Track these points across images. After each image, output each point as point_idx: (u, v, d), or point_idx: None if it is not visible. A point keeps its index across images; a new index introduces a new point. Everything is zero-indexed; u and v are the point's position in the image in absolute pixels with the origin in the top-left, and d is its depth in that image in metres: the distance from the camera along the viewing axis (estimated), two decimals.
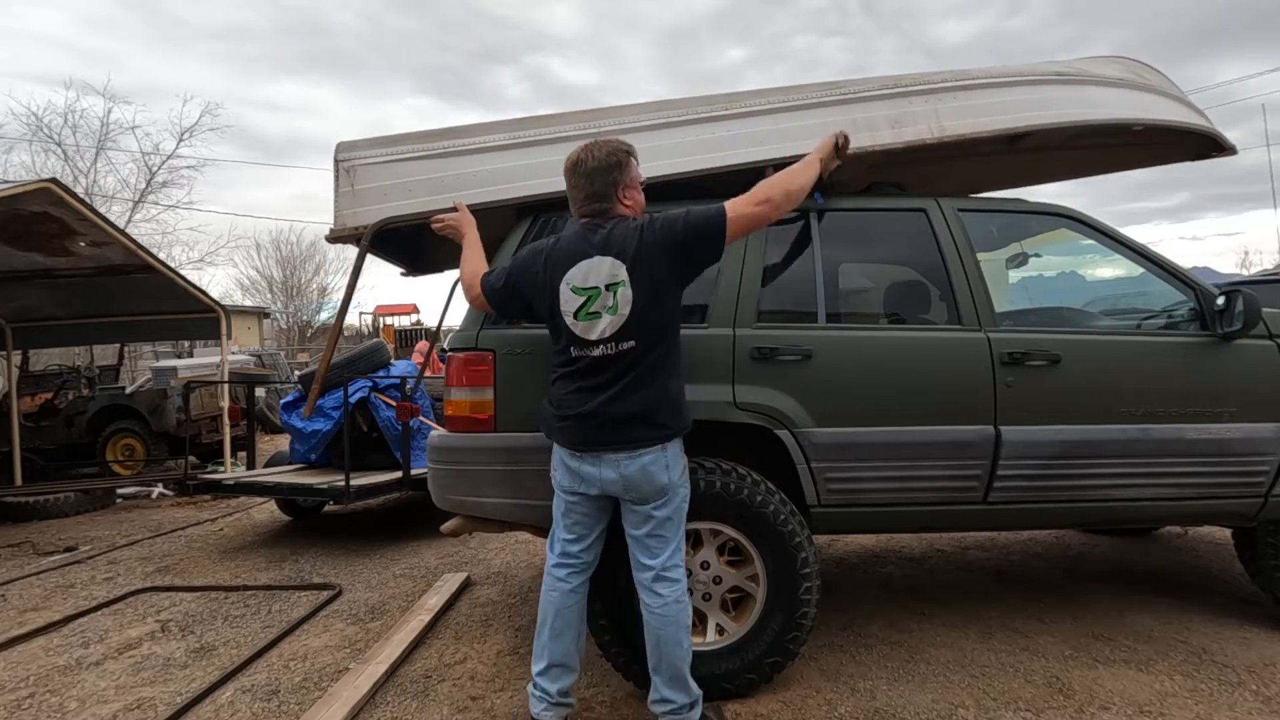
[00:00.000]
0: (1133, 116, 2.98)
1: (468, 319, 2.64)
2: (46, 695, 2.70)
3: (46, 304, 7.09)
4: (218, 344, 7.78)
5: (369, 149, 2.64)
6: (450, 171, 2.64)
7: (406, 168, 2.64)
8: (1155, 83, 3.18)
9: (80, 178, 19.08)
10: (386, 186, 2.62)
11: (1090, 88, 3.00)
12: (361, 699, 2.49)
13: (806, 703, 2.43)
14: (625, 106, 2.75)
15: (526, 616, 3.32)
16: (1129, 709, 2.35)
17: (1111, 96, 3.01)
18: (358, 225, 2.61)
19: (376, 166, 2.63)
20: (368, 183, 2.62)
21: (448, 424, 2.63)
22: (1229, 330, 2.67)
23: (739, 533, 2.46)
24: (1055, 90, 2.95)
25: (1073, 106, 2.92)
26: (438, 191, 2.62)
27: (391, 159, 2.64)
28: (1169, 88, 3.22)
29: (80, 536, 5.36)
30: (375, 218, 2.61)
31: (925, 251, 2.79)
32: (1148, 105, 3.05)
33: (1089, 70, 3.07)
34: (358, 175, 2.62)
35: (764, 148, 2.70)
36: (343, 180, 2.62)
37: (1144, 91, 3.09)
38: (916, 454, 2.59)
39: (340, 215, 2.62)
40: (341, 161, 2.63)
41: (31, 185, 5.17)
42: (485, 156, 2.66)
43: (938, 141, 2.77)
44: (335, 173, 2.62)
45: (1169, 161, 3.60)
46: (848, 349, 2.64)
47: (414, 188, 2.62)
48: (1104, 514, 2.77)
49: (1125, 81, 3.08)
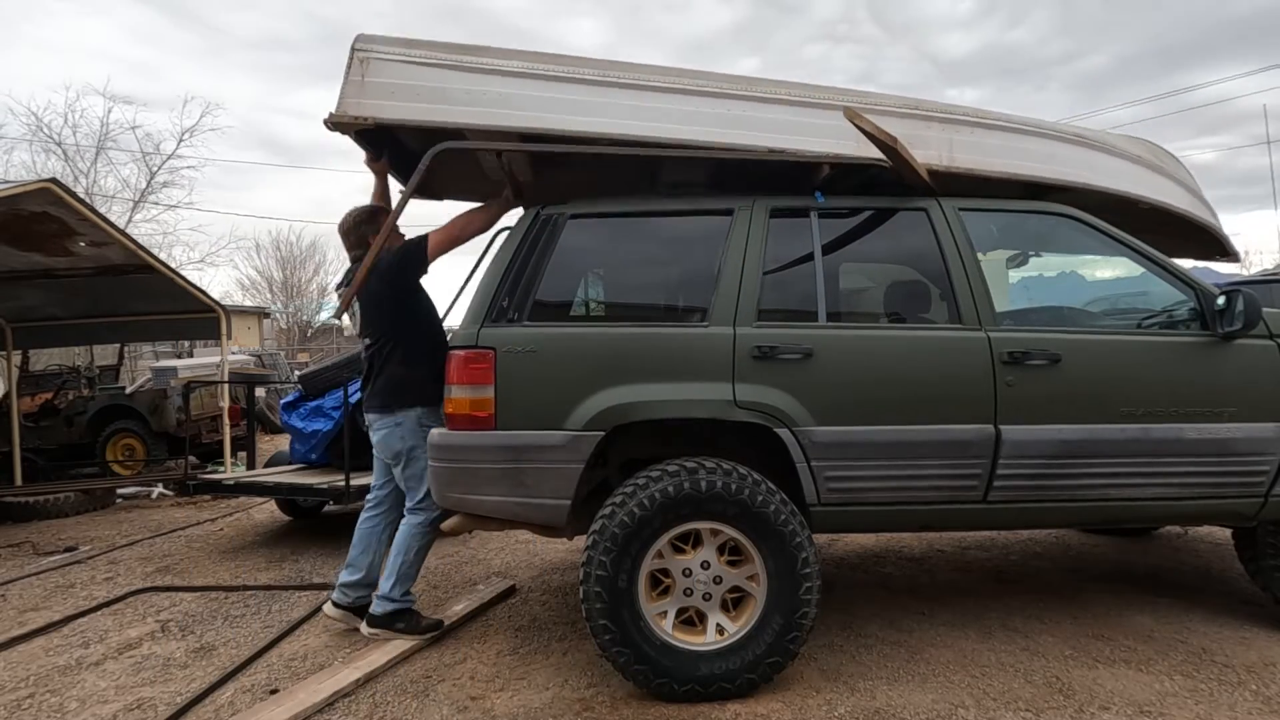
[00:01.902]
0: (1141, 194, 3.00)
1: (468, 317, 2.64)
2: (46, 695, 2.69)
3: (46, 304, 7.09)
4: (218, 344, 7.79)
5: (388, 45, 2.62)
6: (461, 85, 2.62)
7: (419, 71, 2.61)
8: (1172, 170, 3.20)
9: (80, 178, 19.09)
10: (395, 85, 2.60)
11: (1107, 156, 3.02)
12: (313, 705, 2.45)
13: (806, 703, 2.43)
14: (643, 65, 2.74)
15: (526, 617, 3.32)
16: (1129, 709, 2.35)
17: (1122, 168, 3.03)
18: (359, 115, 2.58)
19: (390, 63, 2.61)
20: (378, 77, 2.60)
21: (448, 422, 2.63)
22: (1229, 330, 2.67)
23: (739, 532, 2.46)
24: (1072, 150, 2.97)
25: (1080, 168, 2.96)
26: (445, 101, 2.61)
27: (406, 59, 2.61)
28: (1186, 178, 3.24)
29: (80, 536, 5.36)
30: (377, 113, 2.58)
31: (926, 251, 2.79)
32: (1160, 188, 3.06)
33: (1110, 141, 3.09)
34: (370, 67, 2.60)
35: (778, 135, 2.70)
36: (354, 69, 2.59)
37: (1159, 174, 3.12)
38: (917, 453, 2.59)
39: (344, 102, 2.59)
40: (358, 50, 2.60)
41: (31, 185, 5.17)
42: (497, 79, 2.64)
43: (945, 171, 2.79)
44: (349, 60, 2.60)
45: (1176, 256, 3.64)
46: (848, 348, 2.64)
47: (422, 93, 2.61)
48: (1104, 514, 2.77)
49: (1142, 160, 3.11)
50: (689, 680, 2.41)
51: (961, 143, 2.84)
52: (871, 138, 2.54)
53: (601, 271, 3.10)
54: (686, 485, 2.43)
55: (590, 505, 2.69)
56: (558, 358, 2.58)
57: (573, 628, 3.14)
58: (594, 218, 2.83)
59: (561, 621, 3.24)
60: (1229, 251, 3.36)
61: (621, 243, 2.95)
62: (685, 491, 2.43)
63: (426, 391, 2.91)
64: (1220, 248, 3.35)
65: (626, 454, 2.84)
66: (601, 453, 2.62)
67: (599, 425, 2.53)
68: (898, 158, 2.59)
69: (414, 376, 2.93)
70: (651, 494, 2.43)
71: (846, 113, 2.54)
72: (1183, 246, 3.48)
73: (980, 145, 2.87)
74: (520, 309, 2.63)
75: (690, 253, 2.89)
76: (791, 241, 2.79)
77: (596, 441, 2.53)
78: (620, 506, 2.45)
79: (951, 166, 2.80)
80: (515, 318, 2.62)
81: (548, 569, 4.06)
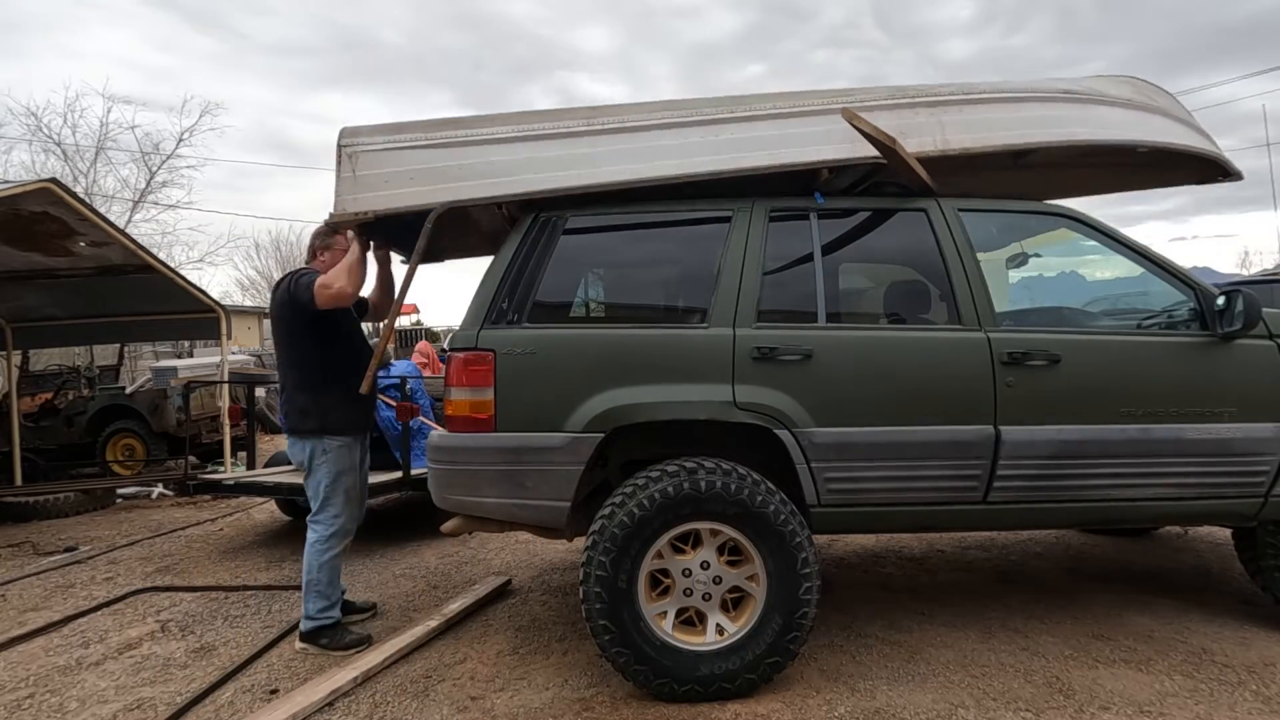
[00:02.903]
0: (1139, 138, 2.95)
1: (468, 319, 2.64)
2: (46, 695, 2.70)
3: (46, 304, 7.09)
4: (218, 344, 7.78)
5: (372, 135, 2.64)
6: (453, 161, 2.63)
7: (409, 156, 2.63)
8: (1163, 105, 3.15)
9: (80, 178, 19.07)
10: (388, 174, 2.61)
11: (1098, 107, 2.97)
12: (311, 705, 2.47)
13: (806, 703, 2.43)
14: (629, 105, 2.74)
15: (526, 617, 3.32)
16: (1129, 709, 2.35)
17: (1119, 117, 2.98)
18: (358, 211, 2.60)
19: (379, 153, 2.62)
20: (369, 169, 2.61)
21: (448, 424, 2.63)
22: (1229, 330, 2.67)
23: (739, 533, 2.46)
24: (1063, 108, 2.92)
25: (1080, 125, 2.90)
26: (439, 181, 2.62)
27: (394, 146, 2.63)
28: (1177, 110, 3.20)
29: (80, 536, 5.36)
30: (376, 204, 2.60)
31: (925, 251, 2.78)
32: (1155, 127, 3.02)
33: (1098, 89, 3.04)
34: (359, 161, 2.61)
35: (768, 152, 2.69)
36: (344, 166, 2.61)
37: (1152, 113, 3.06)
38: (916, 454, 2.59)
39: (341, 200, 2.61)
40: (345, 147, 2.62)
41: (31, 185, 5.18)
42: (489, 148, 2.65)
43: (940, 155, 2.74)
44: (338, 158, 2.62)
45: (1173, 184, 3.62)
46: (848, 349, 2.64)
47: (416, 176, 2.62)
48: (1104, 514, 2.77)
49: (1133, 103, 3.05)
50: (689, 680, 2.42)
51: (952, 123, 2.77)
52: (870, 138, 2.53)
53: (601, 273, 3.10)
54: (686, 485, 2.44)
55: (590, 506, 2.69)
56: (557, 359, 2.58)
57: (573, 628, 3.14)
58: (593, 219, 2.83)
59: (561, 621, 3.24)
60: (1230, 171, 3.30)
61: (621, 244, 2.95)
62: (685, 492, 2.43)
63: (327, 420, 3.03)
64: (1220, 169, 3.30)
65: (626, 455, 2.84)
66: (601, 454, 2.62)
67: (599, 427, 2.52)
68: (896, 158, 2.59)
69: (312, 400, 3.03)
70: (651, 494, 2.43)
71: (845, 114, 2.54)
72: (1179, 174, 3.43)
73: (972, 122, 2.80)
74: (520, 310, 2.63)
75: (690, 254, 2.89)
76: (791, 243, 2.79)
77: (596, 443, 2.53)
78: (620, 507, 2.45)
79: (947, 150, 2.74)
80: (515, 319, 2.62)
81: (547, 569, 4.06)
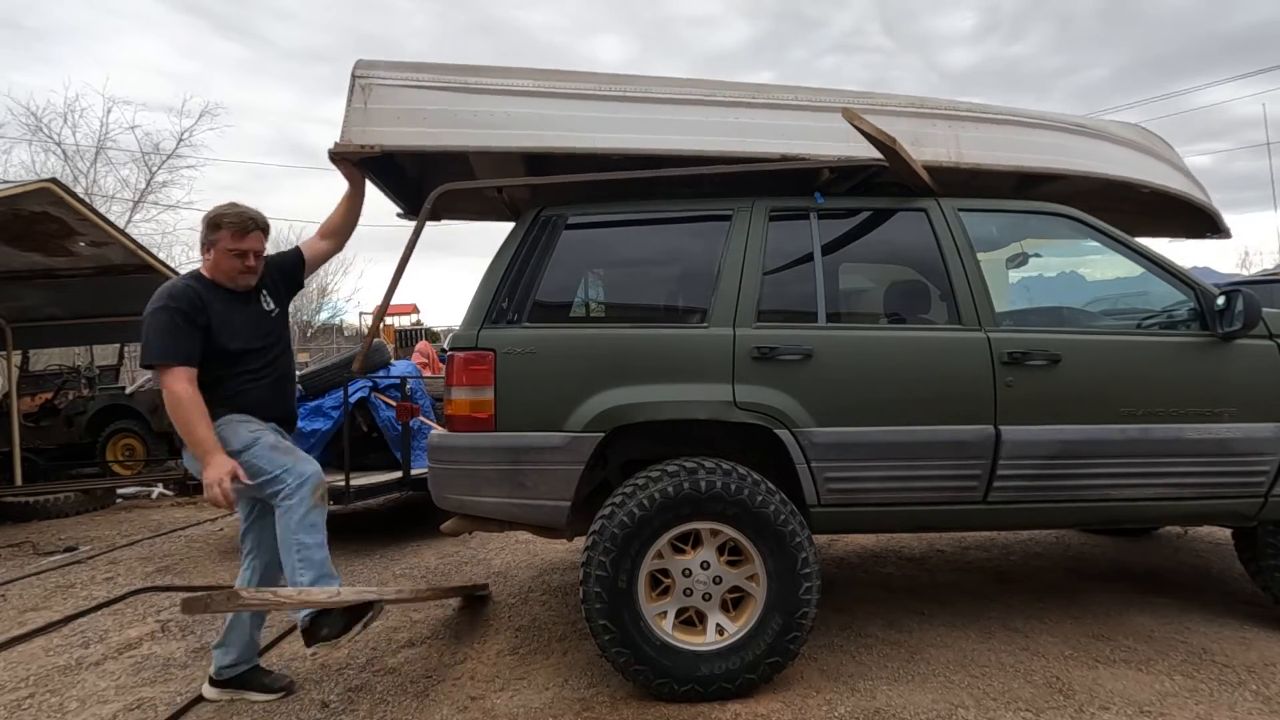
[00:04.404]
0: (1144, 179, 3.03)
1: (468, 319, 2.64)
2: (46, 695, 2.70)
3: (46, 304, 7.10)
4: None
5: (389, 70, 2.59)
6: (468, 107, 2.59)
7: (424, 95, 2.58)
8: (1167, 154, 3.27)
9: (80, 178, 19.08)
10: (400, 110, 2.56)
11: (1106, 144, 3.06)
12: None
13: (806, 703, 2.43)
14: (651, 77, 2.73)
15: (526, 616, 3.32)
16: (1129, 709, 2.35)
17: (1125, 156, 3.06)
18: (364, 144, 2.54)
19: (394, 89, 2.57)
20: (381, 103, 2.56)
21: (448, 423, 2.63)
22: (1229, 330, 2.67)
23: (739, 532, 2.46)
24: (1073, 139, 2.99)
25: (1086, 158, 2.98)
26: (451, 125, 2.58)
27: (410, 84, 2.58)
28: (1179, 162, 3.31)
29: (80, 536, 5.36)
30: (384, 139, 2.54)
31: (925, 251, 2.79)
32: (1159, 172, 3.11)
33: (1107, 128, 3.13)
34: (373, 94, 2.56)
35: (785, 141, 2.70)
36: (357, 96, 2.55)
37: (1157, 159, 3.17)
38: (916, 454, 2.59)
39: (348, 131, 2.55)
40: (359, 78, 2.56)
41: (31, 185, 5.18)
42: (506, 99, 2.61)
43: (953, 167, 2.80)
44: (350, 87, 2.56)
45: (1164, 235, 3.79)
46: (848, 349, 2.64)
47: (428, 117, 2.57)
48: (1104, 514, 2.77)
49: (1140, 146, 3.16)
50: (689, 680, 2.41)
51: (969, 139, 2.85)
52: (871, 138, 2.53)
53: (601, 272, 3.10)
54: (686, 485, 2.43)
55: (590, 506, 2.69)
56: (557, 359, 2.58)
57: (573, 628, 3.14)
58: (593, 218, 2.83)
59: (561, 621, 3.24)
60: (1220, 228, 3.39)
61: (621, 243, 2.95)
62: (685, 492, 2.43)
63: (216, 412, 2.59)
64: (1211, 224, 3.38)
65: (626, 455, 2.84)
66: (601, 453, 2.62)
67: (599, 426, 2.52)
68: (896, 158, 2.59)
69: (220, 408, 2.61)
70: (651, 494, 2.43)
71: (845, 114, 2.54)
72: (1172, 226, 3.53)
73: (986, 140, 2.88)
74: (520, 310, 2.63)
75: (690, 253, 2.89)
76: (791, 242, 2.79)
77: (596, 443, 2.52)
78: (620, 507, 2.45)
79: (960, 163, 2.81)
80: (515, 319, 2.62)
81: (548, 569, 4.06)
